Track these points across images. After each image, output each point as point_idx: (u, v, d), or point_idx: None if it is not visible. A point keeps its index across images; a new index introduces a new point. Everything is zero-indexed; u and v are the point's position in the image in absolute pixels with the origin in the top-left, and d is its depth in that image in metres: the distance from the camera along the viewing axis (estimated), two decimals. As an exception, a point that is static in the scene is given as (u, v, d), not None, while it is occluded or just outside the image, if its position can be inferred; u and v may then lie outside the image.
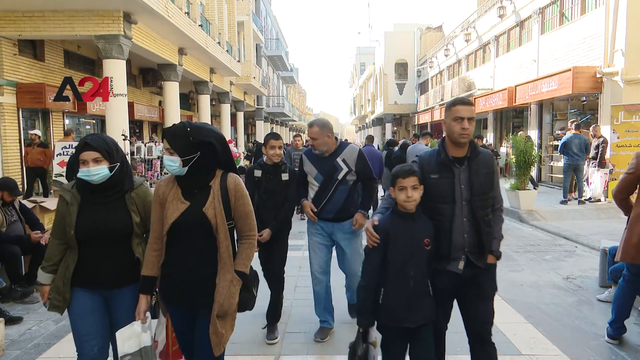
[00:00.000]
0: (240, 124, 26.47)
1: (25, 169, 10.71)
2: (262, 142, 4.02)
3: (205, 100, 18.74)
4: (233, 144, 18.29)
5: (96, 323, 2.44)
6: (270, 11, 37.64)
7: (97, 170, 2.33)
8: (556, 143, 13.62)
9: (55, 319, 4.28)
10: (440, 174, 2.52)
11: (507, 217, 9.12)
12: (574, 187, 10.83)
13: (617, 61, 11.49)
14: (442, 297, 2.56)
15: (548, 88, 13.67)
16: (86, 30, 10.18)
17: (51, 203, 6.38)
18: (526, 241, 7.54)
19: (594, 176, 10.52)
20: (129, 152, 10.85)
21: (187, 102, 22.15)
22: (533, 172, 11.29)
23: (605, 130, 10.96)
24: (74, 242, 2.39)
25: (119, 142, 10.32)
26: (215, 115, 22.63)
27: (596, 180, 10.48)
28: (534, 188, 10.93)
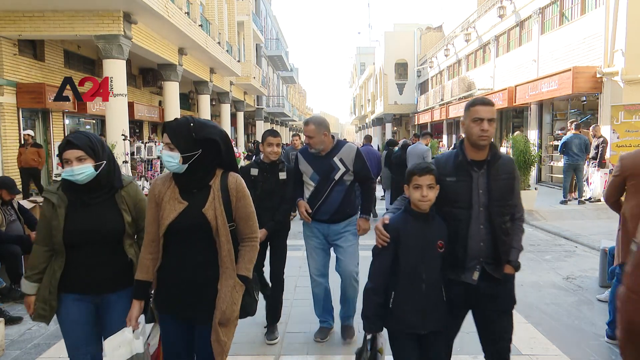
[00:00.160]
0: (240, 124, 26.50)
1: (19, 170, 10.44)
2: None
3: (205, 100, 18.76)
4: (234, 144, 18.28)
5: (87, 331, 2.33)
6: (270, 11, 37.65)
7: (81, 169, 2.19)
8: (556, 143, 13.62)
9: (55, 319, 4.26)
10: (457, 177, 2.39)
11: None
12: (574, 187, 10.83)
13: (617, 61, 11.49)
14: (455, 309, 2.43)
15: (548, 88, 13.68)
16: (86, 30, 10.19)
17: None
18: (526, 241, 7.43)
19: (594, 176, 10.52)
20: (129, 152, 10.84)
21: (187, 102, 22.17)
22: (533, 172, 11.27)
23: (605, 130, 10.96)
24: (62, 247, 2.25)
25: (119, 142, 10.44)
26: (215, 115, 22.63)
27: (596, 180, 10.48)
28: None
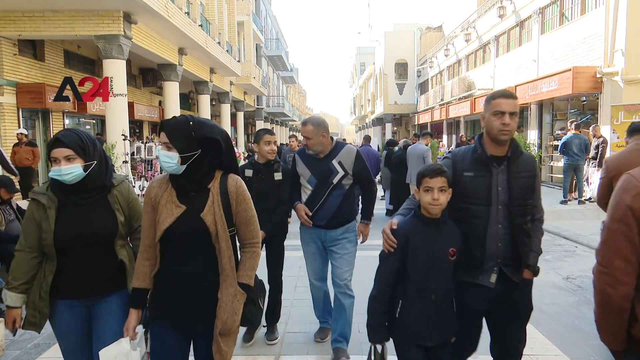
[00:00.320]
0: (240, 124, 26.51)
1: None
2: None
3: (205, 100, 18.76)
4: (234, 144, 18.29)
5: (82, 337, 2.24)
6: (270, 11, 37.65)
7: (69, 169, 2.07)
8: (556, 143, 13.61)
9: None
10: (475, 172, 2.27)
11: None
12: (574, 187, 10.83)
13: (617, 61, 11.49)
14: (471, 316, 2.31)
15: (548, 88, 13.67)
16: (86, 30, 10.20)
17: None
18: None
19: (594, 176, 10.51)
20: (129, 152, 10.84)
21: (187, 102, 22.17)
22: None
23: (605, 130, 10.97)
24: (52, 251, 2.12)
25: (119, 142, 10.43)
26: (215, 115, 22.64)
27: (596, 180, 10.45)
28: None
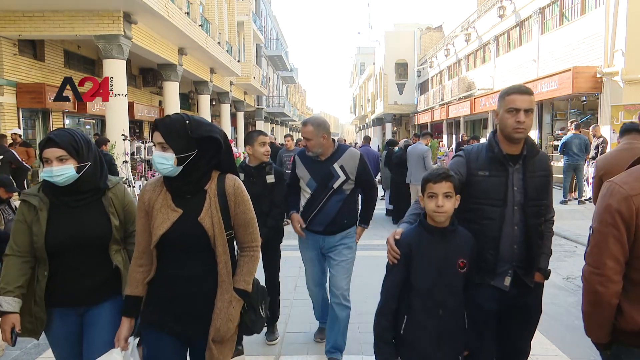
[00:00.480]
0: (240, 124, 26.52)
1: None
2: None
3: (205, 100, 18.77)
4: (233, 144, 18.30)
5: (75, 347, 2.16)
6: (270, 11, 37.66)
7: (61, 170, 1.99)
8: (556, 143, 13.62)
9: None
10: (490, 172, 2.17)
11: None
12: (574, 187, 10.84)
13: (617, 61, 11.50)
14: (485, 319, 2.18)
15: (548, 88, 13.68)
16: (86, 30, 10.20)
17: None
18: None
19: (594, 176, 10.51)
20: (129, 152, 10.84)
21: (187, 102, 22.17)
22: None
23: (605, 130, 10.97)
24: (44, 255, 2.04)
25: (119, 142, 10.41)
26: (215, 115, 22.65)
27: (596, 180, 10.46)
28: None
